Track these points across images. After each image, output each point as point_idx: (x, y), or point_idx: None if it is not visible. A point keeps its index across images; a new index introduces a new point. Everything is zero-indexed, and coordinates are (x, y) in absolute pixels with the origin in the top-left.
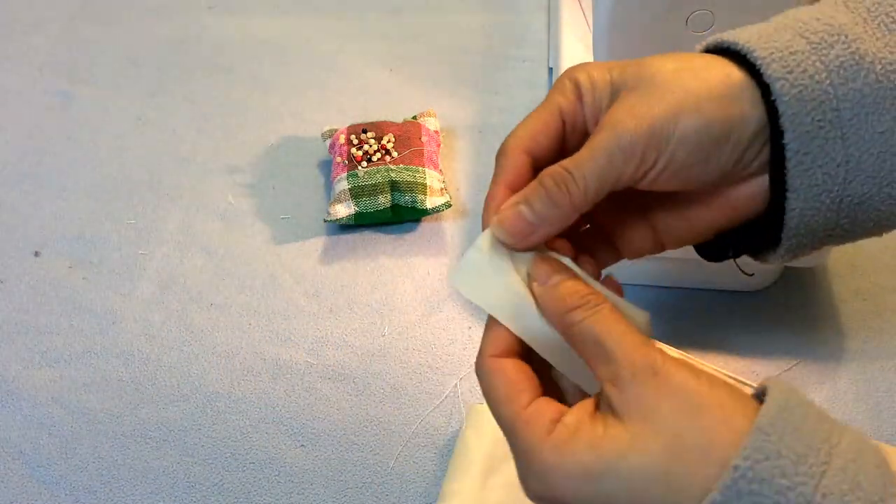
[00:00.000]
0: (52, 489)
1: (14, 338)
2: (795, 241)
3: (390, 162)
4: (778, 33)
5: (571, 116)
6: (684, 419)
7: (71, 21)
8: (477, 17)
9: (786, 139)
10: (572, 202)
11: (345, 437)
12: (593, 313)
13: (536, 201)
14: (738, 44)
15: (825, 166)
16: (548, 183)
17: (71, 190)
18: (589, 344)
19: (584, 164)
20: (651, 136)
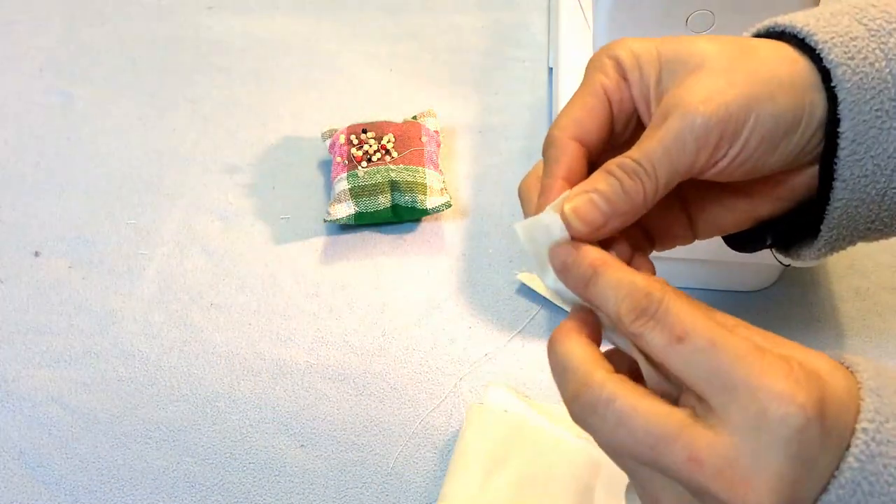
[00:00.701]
0: (52, 489)
1: (14, 338)
2: (836, 234)
3: (390, 162)
4: (835, 18)
5: (618, 96)
6: None
7: (71, 21)
8: (477, 17)
9: (842, 128)
10: (645, 195)
11: (345, 437)
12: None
13: (610, 192)
14: (795, 27)
15: (877, 157)
16: (619, 174)
17: (71, 190)
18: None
19: (655, 153)
20: (727, 123)
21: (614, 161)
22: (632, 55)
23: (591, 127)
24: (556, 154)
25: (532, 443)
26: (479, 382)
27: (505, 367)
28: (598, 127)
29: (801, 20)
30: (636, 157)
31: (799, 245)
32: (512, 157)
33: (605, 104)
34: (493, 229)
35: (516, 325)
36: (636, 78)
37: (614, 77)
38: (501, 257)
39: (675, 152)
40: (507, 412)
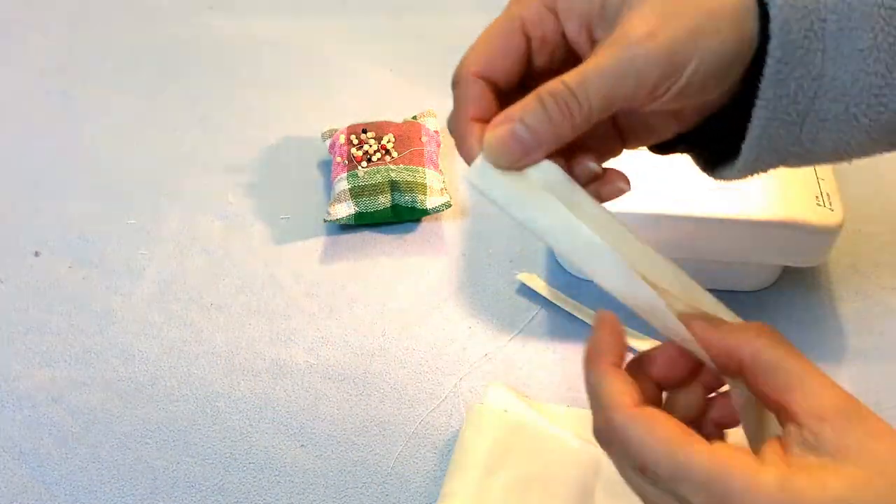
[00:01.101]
0: (52, 489)
1: (14, 338)
2: (756, 154)
3: (390, 162)
4: None
5: (539, 31)
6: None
7: (71, 21)
8: (477, 17)
9: (770, 46)
10: (573, 123)
11: (345, 437)
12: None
13: (533, 120)
14: None
15: (800, 78)
16: (547, 101)
17: (71, 190)
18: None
19: (590, 82)
20: (670, 60)
21: (547, 85)
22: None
23: (501, 64)
24: (463, 93)
25: (532, 443)
26: (479, 382)
27: (505, 367)
28: (510, 63)
29: None
30: (570, 82)
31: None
32: None
33: (521, 39)
34: (493, 229)
35: (516, 325)
36: (573, 7)
37: (537, 9)
38: (501, 257)
39: (612, 84)
40: (507, 412)
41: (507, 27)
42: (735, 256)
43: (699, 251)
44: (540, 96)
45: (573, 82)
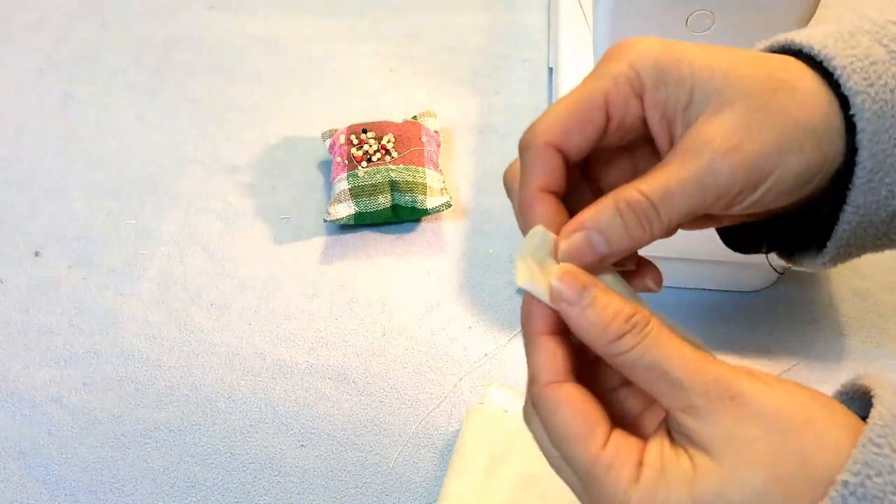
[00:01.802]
0: (52, 489)
1: (14, 338)
2: (842, 250)
3: (390, 162)
4: (854, 38)
5: (621, 112)
6: (776, 444)
7: (71, 21)
8: (477, 17)
9: (860, 157)
10: (651, 235)
11: (345, 437)
12: (643, 337)
13: (612, 233)
14: (813, 48)
15: (891, 184)
16: (625, 213)
17: (71, 190)
18: (646, 372)
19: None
20: (751, 175)
21: (624, 196)
22: (657, 71)
23: (577, 139)
24: (534, 161)
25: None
26: (479, 382)
27: (505, 367)
28: (586, 140)
29: (819, 41)
30: (649, 194)
31: (801, 254)
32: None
33: (602, 117)
34: (493, 229)
35: (516, 325)
36: (660, 97)
37: (624, 91)
38: (501, 257)
39: (692, 198)
40: (507, 412)
41: (589, 102)
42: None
43: (699, 251)
44: (618, 206)
45: (655, 196)
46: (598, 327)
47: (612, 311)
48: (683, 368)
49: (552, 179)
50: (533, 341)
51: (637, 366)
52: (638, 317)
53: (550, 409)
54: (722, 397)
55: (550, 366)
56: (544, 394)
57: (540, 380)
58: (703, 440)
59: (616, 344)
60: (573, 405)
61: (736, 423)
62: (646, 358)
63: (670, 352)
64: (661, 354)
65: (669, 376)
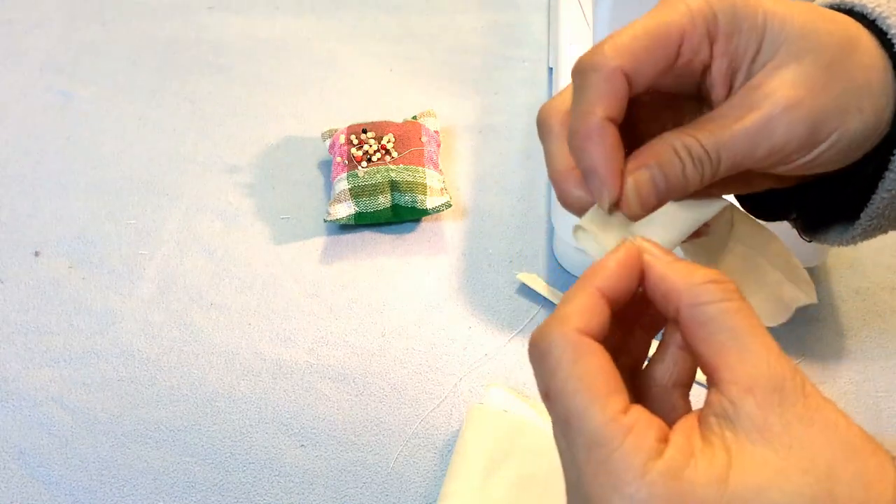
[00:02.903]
0: (52, 489)
1: (14, 338)
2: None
3: (390, 162)
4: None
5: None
6: (840, 458)
7: (71, 21)
8: (477, 17)
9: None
10: (702, 180)
11: (345, 437)
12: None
13: (671, 174)
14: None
15: None
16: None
17: (71, 190)
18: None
19: (725, 145)
20: (809, 133)
21: (681, 140)
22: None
23: (646, 69)
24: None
25: (532, 443)
26: (479, 382)
27: (505, 367)
28: (654, 72)
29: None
30: (706, 143)
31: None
32: (512, 157)
33: (674, 51)
34: (493, 229)
35: (516, 325)
36: (731, 46)
37: (700, 32)
38: (501, 257)
39: (746, 150)
40: (507, 412)
41: (667, 33)
42: None
43: None
44: (676, 150)
45: (709, 144)
46: (685, 273)
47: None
48: (763, 346)
49: (617, 109)
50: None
51: (714, 322)
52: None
53: (574, 355)
54: (795, 390)
55: (591, 315)
56: (572, 337)
57: (572, 321)
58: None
59: (703, 288)
60: (600, 361)
61: (801, 422)
62: (731, 317)
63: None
64: (745, 323)
65: (746, 346)
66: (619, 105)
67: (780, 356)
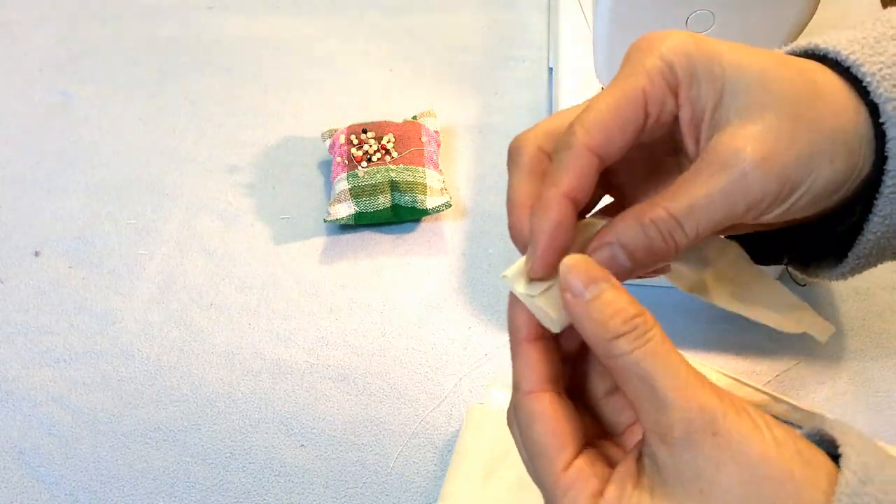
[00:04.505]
0: (52, 489)
1: (14, 338)
2: (863, 261)
3: (390, 162)
4: (881, 45)
5: (657, 109)
6: (749, 494)
7: (71, 21)
8: (477, 17)
9: (889, 166)
10: (676, 250)
11: (345, 437)
12: (642, 344)
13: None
14: (840, 54)
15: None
16: (650, 230)
17: (71, 190)
18: (635, 381)
19: (698, 211)
20: (782, 187)
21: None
22: (689, 65)
23: (617, 137)
24: (569, 163)
25: None
26: (479, 382)
27: (505, 367)
28: (625, 138)
29: (846, 46)
30: (675, 212)
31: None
32: None
33: (642, 115)
34: (493, 229)
35: None
36: (691, 96)
37: (661, 86)
38: (501, 257)
39: (720, 212)
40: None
41: (630, 101)
42: None
43: None
44: (642, 224)
45: (680, 212)
46: (598, 323)
47: (615, 308)
48: (672, 389)
49: (582, 187)
50: (516, 347)
51: (629, 373)
52: (640, 320)
53: (527, 420)
54: (704, 431)
55: (531, 374)
56: (523, 403)
57: (521, 387)
58: (671, 474)
59: (613, 344)
60: (547, 421)
61: (709, 464)
62: (640, 367)
63: (665, 368)
64: (654, 368)
65: (656, 394)
66: (582, 183)
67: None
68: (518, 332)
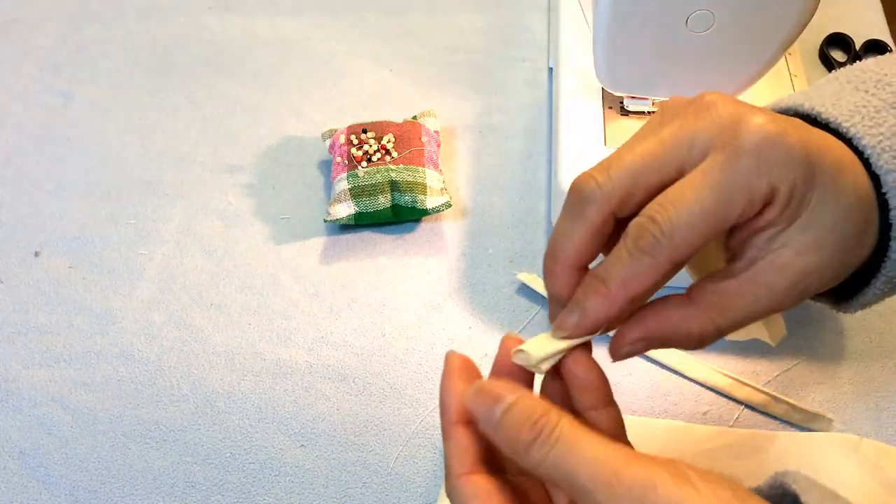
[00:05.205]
0: (52, 489)
1: (14, 338)
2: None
3: (390, 162)
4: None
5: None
6: None
7: (71, 21)
8: (477, 17)
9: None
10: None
11: (345, 437)
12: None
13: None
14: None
15: None
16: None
17: (71, 190)
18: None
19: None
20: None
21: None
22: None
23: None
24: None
25: None
26: None
27: None
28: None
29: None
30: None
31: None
32: (512, 157)
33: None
34: (493, 229)
35: (516, 325)
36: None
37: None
38: (501, 257)
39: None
40: None
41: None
42: None
43: None
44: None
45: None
46: (511, 440)
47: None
48: (595, 476)
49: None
50: (446, 431)
51: (554, 478)
52: (543, 420)
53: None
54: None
55: (461, 457)
56: (456, 486)
57: (452, 471)
58: None
59: (528, 455)
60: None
61: None
62: (558, 469)
63: (581, 458)
64: (570, 464)
65: (584, 488)
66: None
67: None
68: (447, 414)
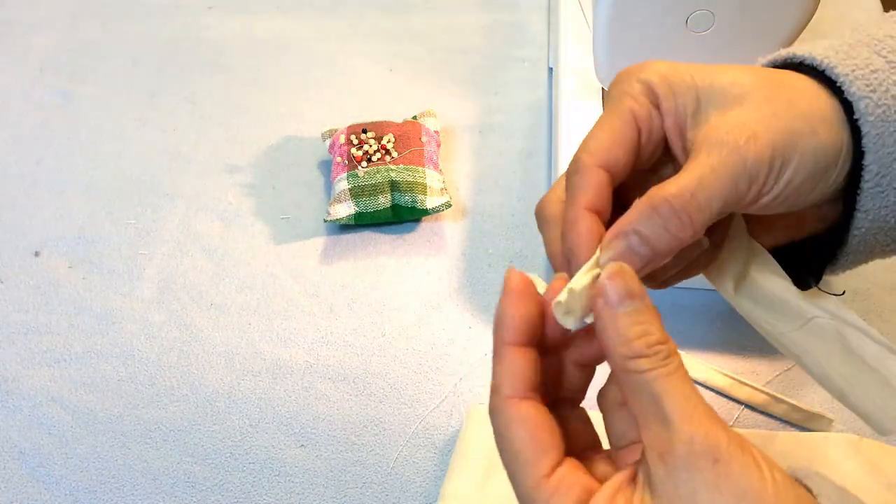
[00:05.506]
0: (52, 489)
1: (14, 338)
2: (852, 258)
3: (390, 162)
4: (854, 50)
5: (647, 125)
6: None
7: (71, 21)
8: (477, 17)
9: (866, 160)
10: (694, 231)
11: (345, 437)
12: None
13: (652, 234)
14: (815, 59)
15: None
16: (665, 213)
17: (71, 190)
18: (644, 398)
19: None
20: (773, 158)
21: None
22: (665, 82)
23: (619, 154)
24: (582, 182)
25: None
26: (479, 382)
27: None
28: (626, 154)
29: (820, 52)
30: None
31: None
32: (512, 157)
33: (634, 131)
34: (493, 229)
35: None
36: (670, 106)
37: (645, 104)
38: (501, 257)
39: (729, 186)
40: None
41: (622, 119)
42: None
43: None
44: (654, 206)
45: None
46: (622, 339)
47: (641, 329)
48: (680, 410)
49: (599, 199)
50: (501, 350)
51: (640, 389)
52: (662, 347)
53: (504, 424)
54: (706, 455)
55: (513, 380)
56: (501, 407)
57: (501, 391)
58: (664, 494)
59: (631, 362)
60: (527, 426)
61: (706, 489)
62: (652, 386)
63: (677, 392)
64: (666, 389)
65: (663, 411)
66: (598, 194)
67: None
68: (506, 333)
